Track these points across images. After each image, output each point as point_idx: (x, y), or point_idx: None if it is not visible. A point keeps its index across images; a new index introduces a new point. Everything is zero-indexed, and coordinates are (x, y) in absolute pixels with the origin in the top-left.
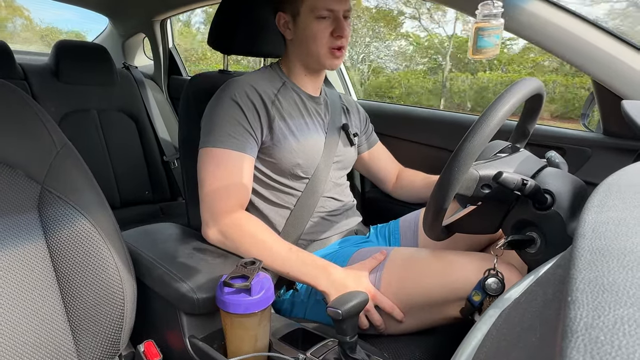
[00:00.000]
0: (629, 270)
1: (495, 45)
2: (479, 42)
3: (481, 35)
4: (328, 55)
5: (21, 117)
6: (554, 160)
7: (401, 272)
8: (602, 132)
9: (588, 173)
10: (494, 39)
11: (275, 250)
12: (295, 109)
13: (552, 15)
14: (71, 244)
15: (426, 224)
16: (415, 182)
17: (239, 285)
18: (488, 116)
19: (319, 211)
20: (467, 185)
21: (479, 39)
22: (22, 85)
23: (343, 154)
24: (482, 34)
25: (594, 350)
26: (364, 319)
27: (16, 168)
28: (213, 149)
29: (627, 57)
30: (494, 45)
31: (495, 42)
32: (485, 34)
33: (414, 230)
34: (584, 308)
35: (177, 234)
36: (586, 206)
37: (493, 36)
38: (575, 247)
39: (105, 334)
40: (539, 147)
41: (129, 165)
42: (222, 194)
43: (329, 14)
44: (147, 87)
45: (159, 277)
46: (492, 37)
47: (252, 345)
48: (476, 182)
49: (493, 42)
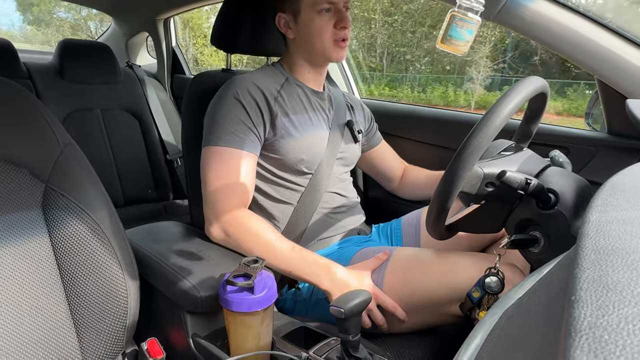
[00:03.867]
0: (634, 269)
1: (466, 40)
2: (450, 30)
3: (455, 24)
4: (333, 48)
5: (25, 116)
6: (558, 160)
7: (404, 272)
8: (607, 131)
9: (592, 172)
10: (466, 34)
11: (278, 248)
12: (299, 104)
13: (556, 14)
14: (75, 242)
15: (429, 222)
16: (419, 178)
17: (242, 284)
18: (493, 113)
19: (323, 207)
20: (472, 183)
21: (452, 28)
22: (26, 84)
23: (347, 150)
24: (456, 23)
25: (598, 349)
26: (366, 318)
27: (20, 166)
28: (216, 147)
29: (632, 56)
30: (465, 40)
31: (467, 37)
32: (459, 24)
33: (416, 229)
34: (588, 307)
35: (180, 233)
36: (590, 205)
37: (465, 30)
38: (579, 247)
39: (108, 331)
40: (543, 146)
41: (132, 163)
42: (225, 193)
43: (330, 7)
44: (151, 86)
45: (162, 275)
46: (465, 30)
47: (255, 344)
48: (480, 180)
49: (465, 36)
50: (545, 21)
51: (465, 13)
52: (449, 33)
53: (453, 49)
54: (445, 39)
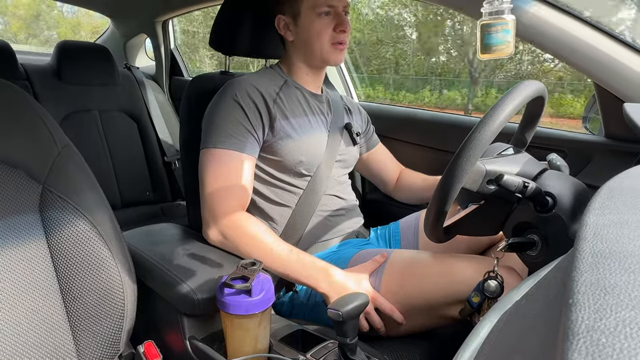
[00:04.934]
0: (631, 272)
1: (506, 42)
2: (486, 39)
3: (487, 32)
4: (332, 51)
5: (23, 118)
6: (555, 163)
7: (401, 275)
8: (604, 134)
9: (589, 176)
10: (504, 35)
11: (275, 251)
12: (298, 107)
13: (554, 18)
14: (72, 244)
15: (427, 225)
16: (415, 183)
17: (240, 287)
18: (493, 115)
19: (322, 210)
20: (474, 179)
21: (486, 37)
22: (24, 86)
23: (346, 152)
24: (488, 31)
25: (596, 352)
26: (364, 321)
27: (18, 168)
28: (214, 149)
29: (629, 60)
30: (504, 42)
31: (505, 38)
32: (493, 30)
33: (415, 232)
34: (585, 310)
35: (178, 235)
36: (587, 209)
37: (502, 32)
38: (576, 250)
39: (105, 334)
40: (541, 149)
41: (130, 165)
42: (223, 195)
43: (330, 10)
44: (149, 88)
45: (160, 277)
46: (501, 33)
47: (252, 347)
48: (482, 176)
49: (503, 38)
50: (543, 25)
51: (496, 18)
52: (486, 42)
53: (497, 54)
54: (484, 49)
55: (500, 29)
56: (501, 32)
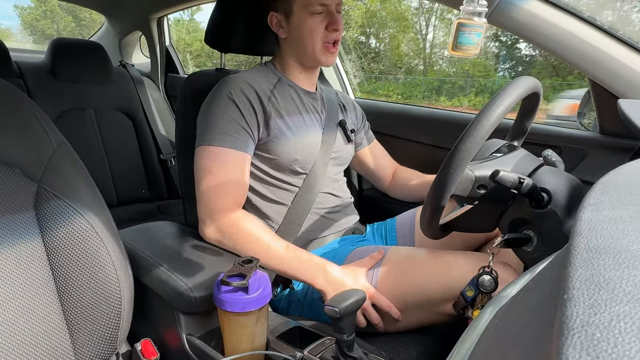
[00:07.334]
0: (625, 267)
1: (475, 43)
2: (459, 38)
3: (462, 31)
4: (323, 51)
5: (17, 115)
6: (551, 159)
7: (398, 271)
8: (599, 130)
9: (584, 171)
10: (474, 37)
11: (272, 248)
12: (292, 105)
13: (548, 14)
14: (68, 243)
15: (423, 222)
16: (410, 181)
17: (237, 284)
18: (483, 117)
19: (318, 208)
20: (463, 187)
21: (460, 35)
22: (18, 83)
23: (340, 150)
24: (463, 30)
25: (590, 347)
26: (361, 317)
27: (12, 166)
28: (209, 147)
29: (623, 56)
30: (474, 43)
31: (475, 40)
32: (467, 30)
33: (411, 228)
34: (580, 305)
35: (174, 233)
36: (582, 204)
37: (474, 34)
38: (571, 245)
39: (102, 332)
40: (536, 145)
41: (126, 163)
42: (218, 192)
43: (323, 9)
44: (144, 85)
45: (156, 275)
46: (473, 34)
47: (250, 344)
48: (472, 183)
49: (474, 40)
50: (538, 22)
51: (471, 17)
52: (459, 40)
53: (464, 53)
54: (455, 47)
55: (473, 30)
56: (473, 33)
